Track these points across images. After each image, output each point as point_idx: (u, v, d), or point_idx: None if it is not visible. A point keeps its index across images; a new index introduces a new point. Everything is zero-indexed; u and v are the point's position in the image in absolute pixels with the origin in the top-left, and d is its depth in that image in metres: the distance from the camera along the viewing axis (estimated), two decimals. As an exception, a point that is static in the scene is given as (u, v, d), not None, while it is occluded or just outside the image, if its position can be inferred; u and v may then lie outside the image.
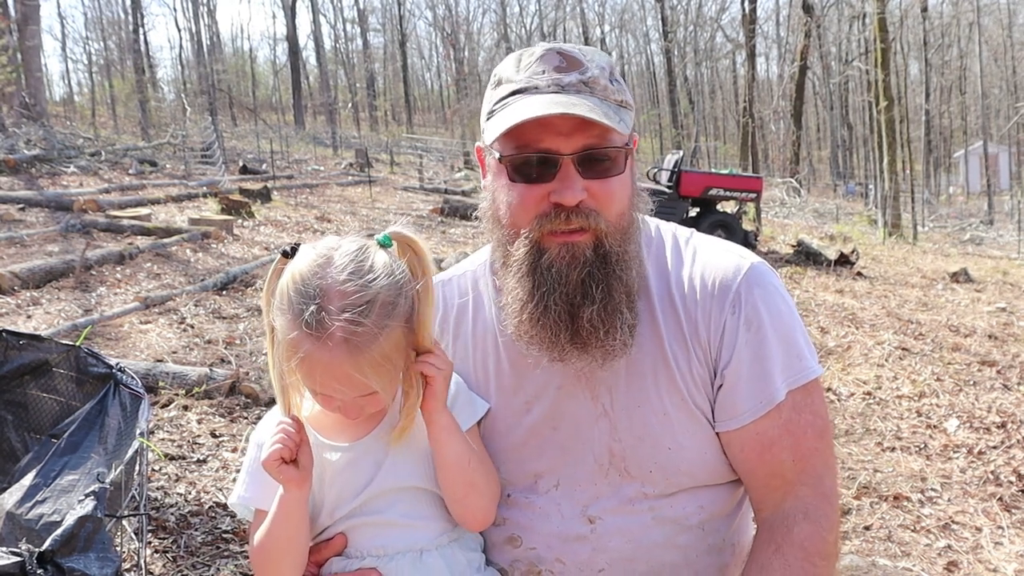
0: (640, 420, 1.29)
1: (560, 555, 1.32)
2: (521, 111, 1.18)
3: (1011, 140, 47.01)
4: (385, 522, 1.28)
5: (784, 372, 1.27)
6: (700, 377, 1.29)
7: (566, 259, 1.21)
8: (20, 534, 2.49)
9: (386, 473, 1.27)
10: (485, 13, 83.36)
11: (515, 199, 1.23)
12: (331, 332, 1.12)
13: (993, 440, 4.93)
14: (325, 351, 1.13)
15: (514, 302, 1.26)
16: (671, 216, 12.65)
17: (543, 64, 1.23)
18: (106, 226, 11.00)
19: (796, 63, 29.73)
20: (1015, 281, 11.87)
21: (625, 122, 1.22)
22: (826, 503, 1.28)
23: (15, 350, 3.06)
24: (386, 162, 28.47)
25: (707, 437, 1.30)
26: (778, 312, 1.28)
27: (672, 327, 1.30)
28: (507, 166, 1.23)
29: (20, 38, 22.02)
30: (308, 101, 55.89)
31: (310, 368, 1.16)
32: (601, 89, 1.21)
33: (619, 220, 1.24)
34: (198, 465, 4.10)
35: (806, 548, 1.24)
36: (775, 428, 1.26)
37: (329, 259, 1.17)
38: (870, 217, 23.05)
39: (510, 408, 1.36)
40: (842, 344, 7.20)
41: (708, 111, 58.78)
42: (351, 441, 1.29)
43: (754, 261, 1.32)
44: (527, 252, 1.23)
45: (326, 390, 1.19)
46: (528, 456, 1.34)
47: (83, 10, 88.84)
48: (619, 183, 1.23)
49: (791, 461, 1.27)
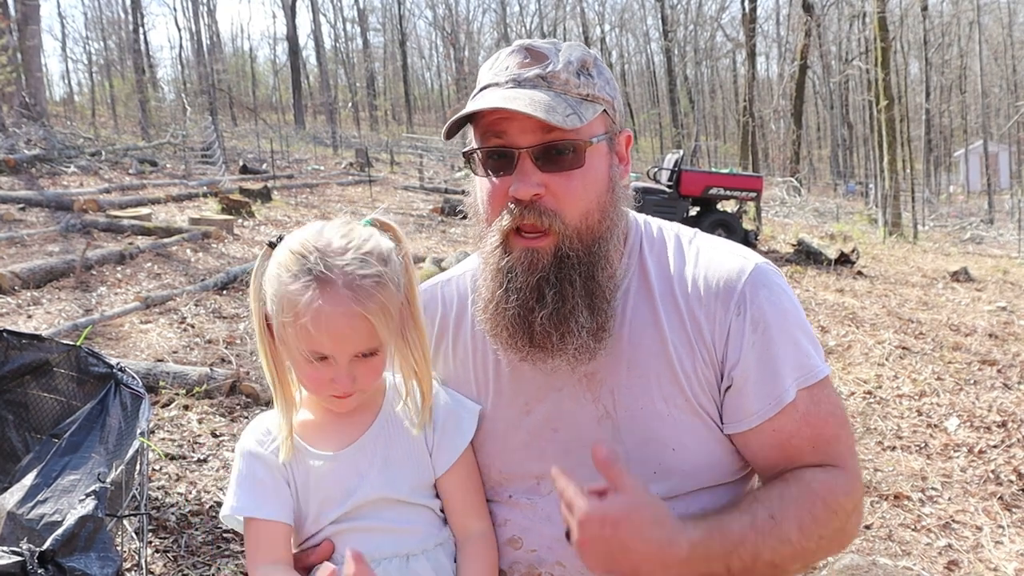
0: (643, 422, 1.28)
1: (561, 558, 1.31)
2: (470, 106, 1.22)
3: (1011, 139, 46.98)
4: (372, 527, 1.28)
5: (794, 371, 1.26)
6: (705, 378, 1.28)
7: (525, 264, 1.22)
8: (21, 534, 2.49)
9: (370, 485, 1.28)
10: (485, 12, 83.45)
11: (483, 192, 1.27)
12: (335, 276, 1.16)
13: (993, 439, 4.93)
14: (329, 295, 1.16)
15: (479, 300, 1.28)
16: (671, 215, 12.64)
17: (510, 60, 1.25)
18: (106, 226, 11.00)
19: (796, 62, 29.71)
20: (1015, 280, 11.87)
21: (580, 115, 1.19)
22: (848, 473, 1.27)
23: (16, 350, 3.06)
24: (386, 162, 28.46)
25: (712, 438, 1.29)
26: (784, 312, 1.27)
27: (676, 328, 1.28)
28: (477, 158, 1.25)
29: (20, 38, 22.01)
30: (308, 101, 55.88)
31: (313, 319, 1.16)
32: (561, 83, 1.21)
33: (583, 220, 1.22)
34: (199, 465, 4.10)
35: (813, 488, 1.23)
36: (792, 423, 1.26)
37: (320, 230, 1.24)
38: (870, 216, 23.04)
39: (511, 409, 1.35)
40: (842, 343, 7.20)
41: (708, 110, 58.76)
42: (335, 450, 1.29)
43: (758, 261, 1.31)
44: (493, 250, 1.24)
45: (326, 344, 1.18)
46: (529, 458, 1.34)
47: (83, 10, 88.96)
48: (580, 178, 1.21)
49: (810, 449, 1.27)
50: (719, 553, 1.17)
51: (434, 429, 1.33)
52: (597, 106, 1.24)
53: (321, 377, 1.22)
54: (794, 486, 1.24)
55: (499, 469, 1.36)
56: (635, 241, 1.36)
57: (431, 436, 1.33)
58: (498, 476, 1.37)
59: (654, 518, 1.14)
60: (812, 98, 51.56)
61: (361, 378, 1.23)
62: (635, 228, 1.37)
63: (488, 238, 1.25)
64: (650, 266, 1.33)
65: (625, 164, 1.33)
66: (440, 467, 1.32)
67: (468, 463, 1.35)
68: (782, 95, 35.55)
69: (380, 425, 1.31)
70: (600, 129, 1.25)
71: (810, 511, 1.22)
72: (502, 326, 1.24)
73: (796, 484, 1.24)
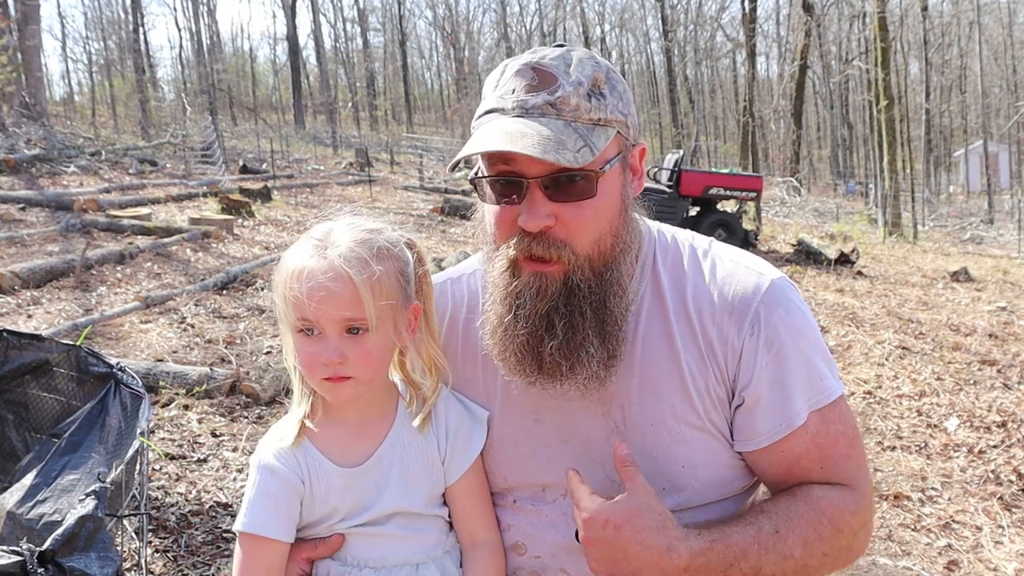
0: (653, 439, 1.26)
1: (564, 565, 1.30)
2: (477, 140, 1.18)
3: (1011, 139, 46.99)
4: (383, 534, 1.28)
5: (805, 394, 1.24)
6: (717, 395, 1.26)
7: (534, 289, 1.19)
8: (21, 533, 2.49)
9: (388, 498, 1.28)
10: (485, 12, 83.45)
11: (492, 218, 1.23)
12: (332, 245, 1.22)
13: (993, 439, 4.93)
14: (321, 258, 1.20)
15: (487, 323, 1.26)
16: (671, 215, 12.65)
17: (516, 81, 1.19)
18: (106, 226, 11.00)
19: (796, 62, 29.70)
20: (1015, 280, 11.87)
21: (592, 146, 1.14)
22: (857, 492, 1.26)
23: (16, 350, 3.06)
24: (386, 161, 28.46)
25: (722, 455, 1.28)
26: (800, 333, 1.25)
27: (688, 344, 1.26)
28: (484, 186, 1.22)
29: (20, 38, 22.02)
30: (308, 100, 55.87)
31: (301, 279, 1.19)
32: (571, 109, 1.16)
33: (594, 247, 1.19)
34: (198, 465, 4.10)
35: (820, 506, 1.22)
36: (801, 444, 1.24)
37: (330, 223, 1.29)
38: (870, 216, 23.03)
39: (520, 418, 1.33)
40: (842, 343, 7.20)
41: (708, 110, 58.76)
42: (354, 465, 1.29)
43: (774, 277, 1.28)
44: (501, 273, 1.21)
45: (310, 308, 1.19)
46: (537, 467, 1.32)
47: (83, 10, 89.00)
48: (592, 208, 1.17)
49: (818, 469, 1.26)
50: (720, 564, 1.16)
51: (446, 437, 1.32)
52: (610, 130, 1.18)
53: (313, 354, 1.22)
54: (801, 502, 1.23)
55: (505, 476, 1.35)
56: (648, 252, 1.32)
57: (443, 444, 1.32)
58: (503, 483, 1.36)
59: (657, 524, 1.14)
60: (812, 98, 51.56)
61: (353, 360, 1.21)
62: (648, 238, 1.33)
63: (496, 261, 1.22)
64: (664, 280, 1.30)
65: (640, 178, 1.29)
66: (452, 475, 1.32)
67: (478, 472, 1.35)
68: (782, 95, 35.55)
69: (395, 435, 1.31)
70: (613, 152, 1.21)
71: (815, 528, 1.21)
72: (511, 351, 1.22)
73: (803, 500, 1.23)
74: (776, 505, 1.24)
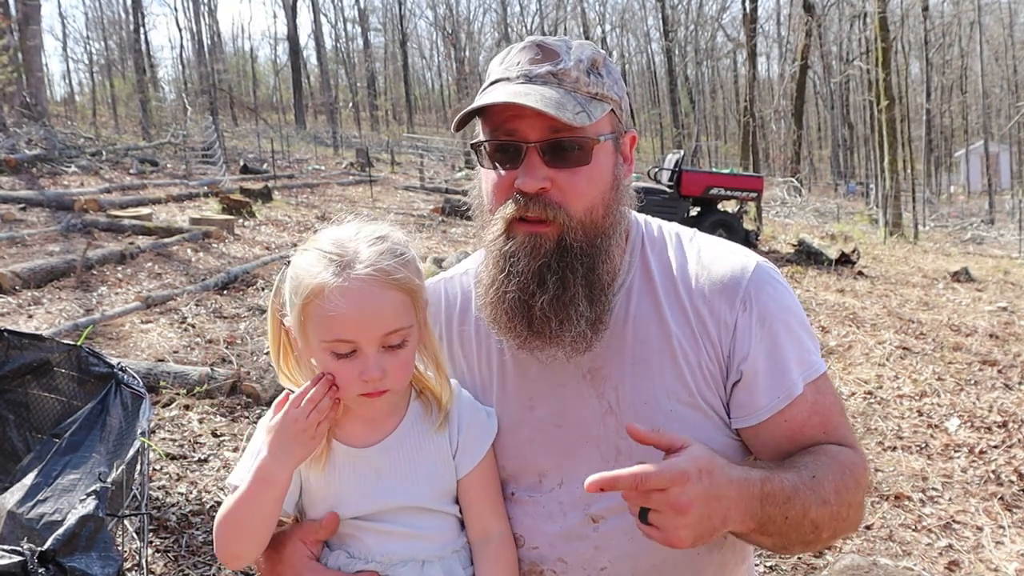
0: (647, 417, 1.28)
1: (563, 555, 1.32)
2: (481, 100, 1.22)
3: (1012, 139, 46.99)
4: (392, 531, 1.28)
5: (799, 366, 1.28)
6: (710, 373, 1.29)
7: (528, 248, 1.23)
8: (21, 533, 2.49)
9: (394, 492, 1.27)
10: (486, 12, 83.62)
11: (489, 184, 1.27)
12: (358, 259, 1.17)
13: (994, 439, 4.93)
14: (354, 276, 1.16)
15: (479, 285, 1.30)
16: (672, 215, 12.64)
17: (521, 55, 1.26)
18: (107, 226, 11.00)
19: (797, 62, 29.70)
20: (1016, 280, 11.87)
21: (589, 113, 1.20)
22: (859, 453, 1.30)
23: (17, 350, 3.06)
24: (387, 161, 28.46)
25: (715, 434, 1.30)
26: (788, 309, 1.30)
27: (680, 323, 1.30)
28: (484, 151, 1.26)
29: (21, 38, 22.04)
30: (309, 101, 55.91)
31: (338, 300, 1.15)
32: (572, 81, 1.22)
33: (587, 214, 1.23)
34: (199, 465, 4.10)
35: (840, 459, 1.25)
36: (803, 412, 1.28)
37: (332, 232, 1.25)
38: (871, 216, 23.04)
39: (515, 406, 1.35)
40: (843, 343, 7.20)
41: (709, 110, 58.78)
42: (358, 446, 1.28)
43: (759, 260, 1.33)
44: (496, 236, 1.25)
45: (350, 328, 1.16)
46: (533, 453, 1.34)
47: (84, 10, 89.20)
48: (586, 175, 1.23)
49: (823, 434, 1.29)
50: (780, 497, 1.16)
51: (459, 430, 1.32)
52: (605, 105, 1.25)
53: (349, 373, 1.20)
54: (823, 456, 1.26)
55: (503, 465, 1.36)
56: (636, 239, 1.37)
57: (455, 437, 1.32)
58: (502, 472, 1.37)
59: (725, 459, 1.14)
60: (813, 98, 51.56)
61: (392, 373, 1.21)
62: (636, 227, 1.39)
63: (491, 226, 1.26)
64: (652, 263, 1.34)
65: (629, 164, 1.34)
66: (464, 468, 1.32)
67: (489, 463, 1.35)
68: (783, 95, 35.55)
69: (406, 429, 1.30)
70: (607, 128, 1.26)
71: (842, 478, 1.24)
72: (502, 310, 1.25)
73: (824, 454, 1.26)
74: (803, 457, 1.25)
